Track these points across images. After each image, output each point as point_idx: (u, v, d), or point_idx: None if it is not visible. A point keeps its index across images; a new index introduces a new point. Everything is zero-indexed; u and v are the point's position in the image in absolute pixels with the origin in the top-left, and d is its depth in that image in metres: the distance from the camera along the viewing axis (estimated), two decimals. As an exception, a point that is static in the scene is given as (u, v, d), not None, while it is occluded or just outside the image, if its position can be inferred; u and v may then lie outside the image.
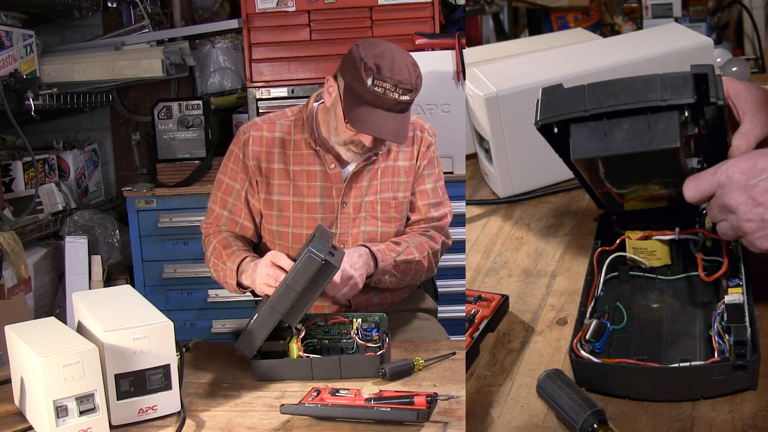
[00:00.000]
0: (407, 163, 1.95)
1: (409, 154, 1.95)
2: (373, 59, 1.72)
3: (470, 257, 1.74)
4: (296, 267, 1.57)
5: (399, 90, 1.72)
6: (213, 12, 3.44)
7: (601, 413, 1.15)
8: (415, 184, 1.97)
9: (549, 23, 3.41)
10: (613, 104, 1.26)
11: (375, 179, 1.92)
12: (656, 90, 1.24)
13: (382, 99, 1.72)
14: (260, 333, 1.59)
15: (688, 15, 3.20)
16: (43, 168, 2.97)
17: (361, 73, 1.72)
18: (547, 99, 1.35)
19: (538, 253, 1.71)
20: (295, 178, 1.90)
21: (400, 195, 1.94)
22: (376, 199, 1.92)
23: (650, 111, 1.24)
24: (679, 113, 1.23)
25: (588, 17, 3.38)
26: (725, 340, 1.22)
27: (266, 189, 1.91)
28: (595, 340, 1.29)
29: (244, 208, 1.94)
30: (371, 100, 1.73)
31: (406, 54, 1.78)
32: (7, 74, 2.58)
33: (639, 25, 3.20)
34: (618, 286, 1.50)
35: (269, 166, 1.90)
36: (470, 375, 1.36)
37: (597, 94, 1.28)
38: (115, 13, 3.43)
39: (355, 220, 1.91)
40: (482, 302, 1.51)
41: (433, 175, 1.99)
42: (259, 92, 3.16)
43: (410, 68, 1.75)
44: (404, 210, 1.96)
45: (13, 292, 2.66)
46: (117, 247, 3.14)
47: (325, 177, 1.89)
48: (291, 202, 1.90)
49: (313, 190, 1.90)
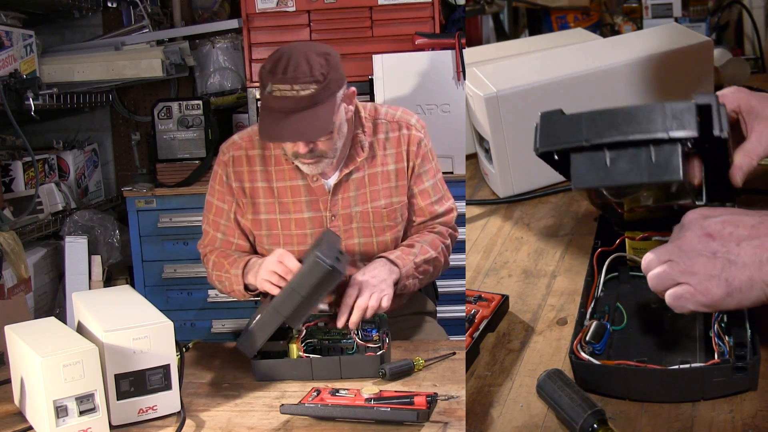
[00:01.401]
0: (397, 166, 1.89)
1: (398, 156, 1.89)
2: (270, 64, 1.67)
3: (470, 257, 1.74)
4: (302, 271, 1.57)
5: (296, 87, 1.63)
6: (213, 12, 3.44)
7: (601, 413, 1.15)
8: (414, 185, 1.91)
9: (549, 23, 3.41)
10: (615, 135, 1.24)
11: (363, 188, 1.87)
12: (658, 121, 1.22)
13: (279, 101, 1.64)
14: (262, 334, 1.59)
15: (688, 15, 3.20)
16: (43, 168, 2.97)
17: (262, 82, 1.67)
18: (547, 126, 1.34)
19: (538, 253, 1.71)
20: (280, 194, 1.86)
21: (394, 200, 1.89)
22: (367, 209, 1.87)
23: (653, 143, 1.23)
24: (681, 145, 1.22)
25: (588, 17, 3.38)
26: (725, 341, 1.22)
27: (252, 209, 1.87)
28: (595, 341, 1.29)
29: (236, 228, 1.91)
30: (270, 105, 1.66)
31: (310, 47, 1.69)
32: (7, 74, 2.58)
33: (639, 25, 3.20)
34: (618, 287, 1.50)
35: (253, 186, 1.86)
36: (470, 375, 1.36)
37: (597, 123, 1.27)
38: (115, 13, 3.44)
39: (347, 231, 1.87)
40: (482, 302, 1.51)
41: (431, 171, 1.93)
42: (258, 92, 3.17)
43: (311, 59, 1.65)
44: (399, 216, 1.91)
45: (13, 292, 2.66)
46: (117, 247, 3.14)
47: (309, 191, 1.85)
48: (279, 220, 1.86)
49: (299, 205, 1.86)
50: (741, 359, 1.17)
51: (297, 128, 1.65)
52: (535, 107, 1.39)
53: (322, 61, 1.66)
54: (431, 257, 1.86)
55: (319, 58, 1.66)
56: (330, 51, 1.71)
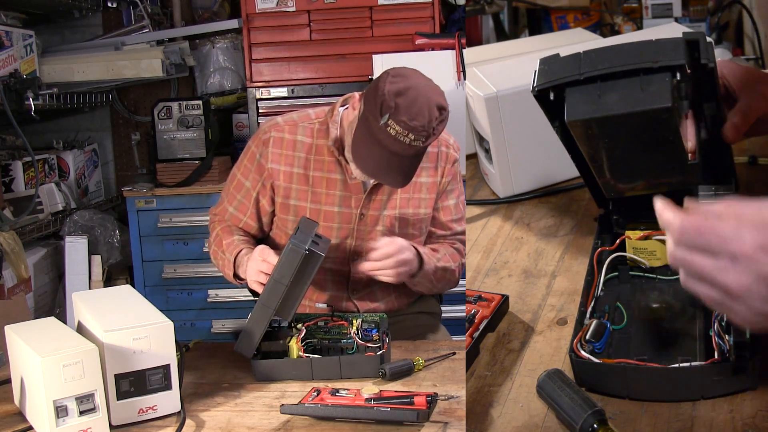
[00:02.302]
0: (431, 180, 1.90)
1: (433, 171, 1.90)
2: (394, 97, 1.62)
3: (470, 257, 1.74)
4: (281, 261, 1.58)
5: (412, 135, 1.62)
6: (213, 12, 3.45)
7: (601, 413, 1.15)
8: (439, 200, 1.93)
9: (549, 23, 3.41)
10: (607, 66, 1.27)
11: (395, 194, 1.87)
12: (649, 54, 1.26)
13: (392, 140, 1.63)
14: (256, 331, 1.60)
15: (688, 15, 3.20)
16: (43, 168, 2.97)
17: (378, 108, 1.63)
18: (545, 67, 1.37)
19: (538, 253, 1.71)
20: (315, 184, 1.85)
21: (421, 211, 1.90)
22: (395, 214, 1.88)
23: (643, 73, 1.26)
24: (671, 75, 1.24)
25: (588, 17, 3.38)
26: (725, 340, 1.22)
27: (283, 193, 1.86)
28: (595, 340, 1.29)
29: (251, 207, 1.90)
30: (381, 138, 1.64)
31: (432, 92, 1.67)
32: (7, 74, 2.58)
33: (639, 25, 3.20)
34: (618, 286, 1.50)
35: (289, 170, 1.84)
36: (470, 375, 1.36)
37: (592, 58, 1.30)
38: (115, 13, 3.44)
39: (371, 233, 1.87)
40: (482, 302, 1.51)
41: (456, 191, 1.96)
42: (259, 92, 3.17)
43: (432, 110, 1.64)
44: (424, 227, 1.92)
45: (13, 292, 2.66)
46: (117, 247, 3.14)
47: (345, 186, 1.85)
48: (308, 209, 1.86)
49: (332, 198, 1.85)
50: (741, 358, 1.17)
51: (396, 174, 1.68)
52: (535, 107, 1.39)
53: (439, 114, 1.66)
54: (450, 268, 1.88)
55: (439, 112, 1.66)
56: (446, 104, 1.69)
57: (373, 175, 1.71)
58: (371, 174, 1.71)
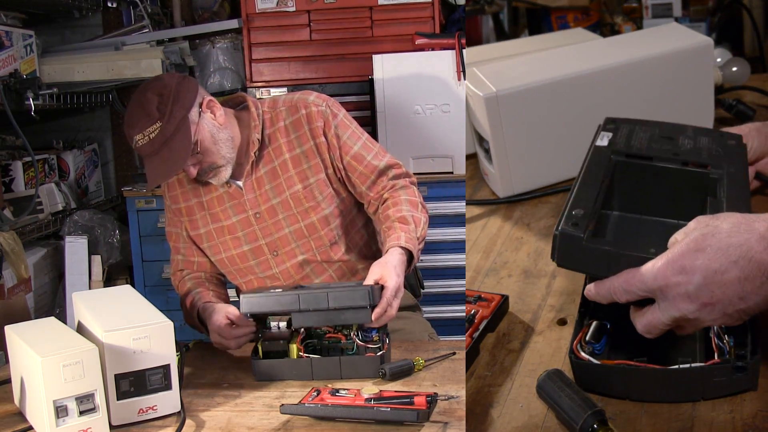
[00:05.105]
0: (305, 147, 1.89)
1: (303, 137, 1.89)
2: (125, 117, 1.79)
3: (470, 257, 1.74)
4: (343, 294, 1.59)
5: (145, 133, 1.74)
6: (213, 12, 3.44)
7: (601, 413, 1.15)
8: (344, 155, 1.89)
9: (549, 23, 3.41)
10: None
11: (277, 178, 1.89)
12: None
13: (142, 149, 1.77)
14: (270, 304, 1.62)
15: (688, 15, 3.20)
16: (43, 168, 2.97)
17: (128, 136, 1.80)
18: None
19: (538, 253, 1.71)
20: (209, 206, 1.94)
21: (310, 181, 1.89)
22: (286, 198, 1.89)
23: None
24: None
25: (588, 17, 3.38)
26: (725, 341, 1.22)
27: (191, 226, 1.96)
28: (595, 341, 1.29)
29: (192, 246, 1.99)
30: (139, 153, 1.81)
31: (144, 90, 1.77)
32: (7, 74, 2.58)
33: (639, 25, 3.20)
34: (618, 287, 1.50)
35: (188, 204, 1.96)
36: (470, 375, 1.36)
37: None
38: (115, 13, 3.43)
39: (276, 224, 1.90)
40: (482, 302, 1.51)
41: (354, 136, 1.91)
42: (259, 92, 3.17)
43: (144, 104, 1.74)
44: (318, 194, 1.89)
45: (13, 292, 2.66)
46: (117, 247, 3.14)
47: (230, 196, 1.91)
48: (213, 230, 1.94)
49: (227, 212, 1.92)
50: (741, 359, 1.17)
51: (153, 172, 1.78)
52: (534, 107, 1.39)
53: (154, 98, 1.74)
54: (422, 220, 1.84)
55: (151, 96, 1.74)
56: (163, 83, 1.77)
57: (151, 184, 1.80)
58: (150, 184, 1.80)
